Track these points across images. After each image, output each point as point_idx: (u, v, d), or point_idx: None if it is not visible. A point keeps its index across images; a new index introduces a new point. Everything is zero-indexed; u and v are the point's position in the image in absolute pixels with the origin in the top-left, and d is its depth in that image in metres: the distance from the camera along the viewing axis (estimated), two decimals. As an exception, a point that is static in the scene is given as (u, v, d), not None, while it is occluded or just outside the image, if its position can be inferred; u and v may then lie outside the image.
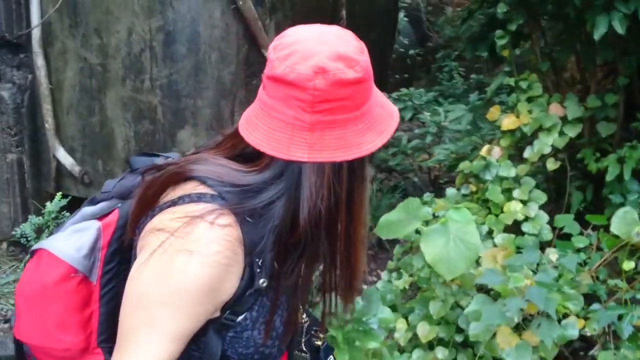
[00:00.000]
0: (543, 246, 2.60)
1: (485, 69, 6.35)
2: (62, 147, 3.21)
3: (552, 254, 2.10)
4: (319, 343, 1.21)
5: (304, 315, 1.19)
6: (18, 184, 3.23)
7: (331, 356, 1.24)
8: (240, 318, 1.00)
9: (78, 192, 3.26)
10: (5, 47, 3.06)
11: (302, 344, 1.18)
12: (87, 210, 1.11)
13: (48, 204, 3.07)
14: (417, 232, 2.33)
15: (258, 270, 0.97)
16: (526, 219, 2.76)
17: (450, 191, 3.04)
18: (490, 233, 2.76)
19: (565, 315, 1.89)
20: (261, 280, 0.98)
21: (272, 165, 0.96)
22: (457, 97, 5.24)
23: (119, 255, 1.07)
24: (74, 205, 2.98)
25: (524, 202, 2.80)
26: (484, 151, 3.00)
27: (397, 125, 1.01)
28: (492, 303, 1.83)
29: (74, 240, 1.05)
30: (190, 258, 0.91)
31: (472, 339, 2.05)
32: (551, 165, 2.86)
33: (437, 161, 4.16)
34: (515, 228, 2.78)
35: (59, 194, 3.07)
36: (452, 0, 7.78)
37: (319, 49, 0.91)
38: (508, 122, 2.92)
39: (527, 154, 2.87)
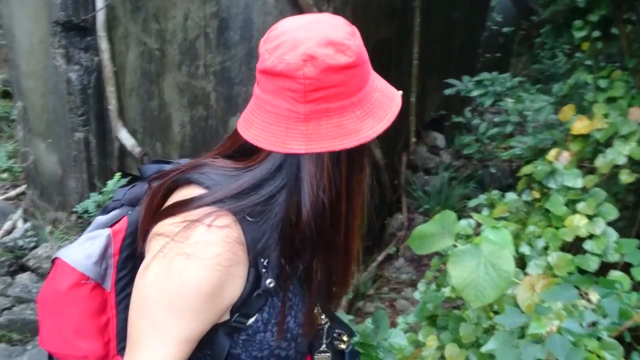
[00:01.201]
0: (609, 268, 2.32)
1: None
2: (125, 128, 3.31)
3: (593, 293, 1.85)
4: (343, 347, 1.17)
5: (323, 316, 1.15)
6: (85, 162, 3.39)
7: None
8: (251, 320, 0.98)
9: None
10: (73, 30, 3.17)
11: (324, 346, 1.15)
12: (100, 219, 1.13)
13: (109, 182, 3.20)
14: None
15: (264, 270, 0.95)
16: (590, 236, 2.48)
17: (510, 196, 2.79)
18: (547, 249, 2.52)
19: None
20: (268, 281, 0.95)
21: (269, 159, 0.93)
22: (545, 82, 4.83)
23: (132, 262, 1.07)
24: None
25: (589, 217, 2.52)
26: (550, 155, 2.71)
27: (399, 109, 0.95)
28: (511, 344, 1.65)
29: (85, 247, 1.07)
30: (188, 262, 0.89)
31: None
32: (625, 177, 2.53)
33: (512, 154, 3.87)
34: (579, 244, 2.51)
35: (117, 174, 3.19)
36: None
37: (306, 36, 0.88)
38: (579, 125, 2.61)
39: (598, 163, 2.56)
